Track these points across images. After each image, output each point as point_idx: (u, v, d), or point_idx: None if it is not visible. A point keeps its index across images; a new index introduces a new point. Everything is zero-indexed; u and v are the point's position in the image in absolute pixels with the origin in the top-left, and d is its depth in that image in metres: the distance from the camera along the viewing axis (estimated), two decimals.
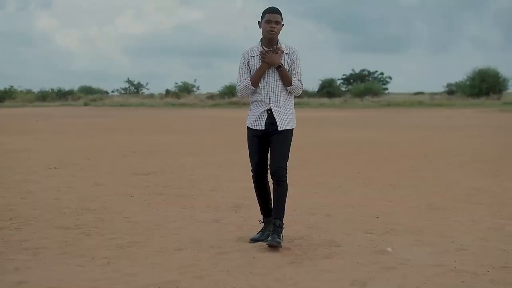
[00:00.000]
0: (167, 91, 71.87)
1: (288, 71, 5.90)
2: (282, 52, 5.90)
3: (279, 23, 5.84)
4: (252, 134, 6.00)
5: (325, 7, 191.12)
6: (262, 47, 5.94)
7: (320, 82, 73.20)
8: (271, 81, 5.90)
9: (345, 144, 17.16)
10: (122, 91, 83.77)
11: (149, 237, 6.20)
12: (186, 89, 74.67)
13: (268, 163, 5.97)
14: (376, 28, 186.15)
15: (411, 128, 24.16)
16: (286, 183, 5.89)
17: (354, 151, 15.01)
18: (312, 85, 73.20)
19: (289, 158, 5.95)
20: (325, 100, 61.60)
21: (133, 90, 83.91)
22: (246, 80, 5.94)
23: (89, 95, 71.01)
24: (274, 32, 5.83)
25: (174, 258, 5.41)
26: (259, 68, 5.89)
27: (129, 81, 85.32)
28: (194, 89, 77.09)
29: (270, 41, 5.90)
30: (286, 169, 5.90)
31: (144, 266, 5.17)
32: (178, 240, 6.06)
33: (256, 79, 5.90)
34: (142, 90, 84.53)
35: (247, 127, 6.05)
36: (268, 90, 5.90)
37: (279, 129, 5.86)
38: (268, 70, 5.89)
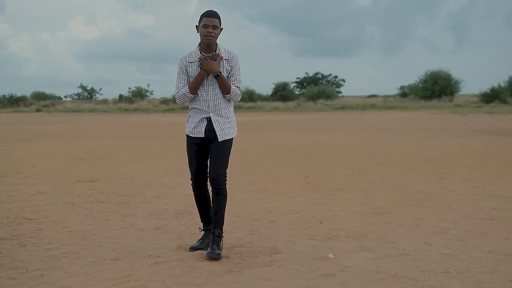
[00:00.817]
0: (120, 96, 71.21)
1: (227, 77, 5.77)
2: (221, 58, 5.77)
3: (216, 27, 5.68)
4: (191, 141, 5.86)
5: (278, 11, 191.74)
6: (201, 53, 5.79)
7: (274, 86, 73.47)
8: (211, 89, 5.75)
9: (295, 147, 17.12)
10: (75, 97, 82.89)
11: (86, 246, 6.03)
12: (139, 94, 73.99)
13: (208, 171, 5.85)
14: (329, 32, 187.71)
15: (362, 131, 24.27)
16: (226, 191, 5.78)
17: (304, 155, 14.95)
18: (266, 89, 73.40)
19: (228, 165, 5.84)
20: (278, 103, 61.70)
21: (87, 96, 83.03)
22: (184, 87, 5.78)
23: (42, 101, 69.93)
24: (211, 37, 5.67)
25: (109, 269, 5.25)
26: (198, 75, 5.73)
27: (82, 87, 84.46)
28: (148, 94, 76.52)
29: (208, 46, 5.75)
30: (226, 177, 5.79)
31: (77, 278, 5.01)
32: (115, 249, 5.90)
33: (194, 87, 5.75)
34: (95, 95, 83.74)
35: (186, 134, 5.91)
36: (208, 99, 5.76)
37: (219, 139, 5.73)
38: (207, 77, 5.74)
